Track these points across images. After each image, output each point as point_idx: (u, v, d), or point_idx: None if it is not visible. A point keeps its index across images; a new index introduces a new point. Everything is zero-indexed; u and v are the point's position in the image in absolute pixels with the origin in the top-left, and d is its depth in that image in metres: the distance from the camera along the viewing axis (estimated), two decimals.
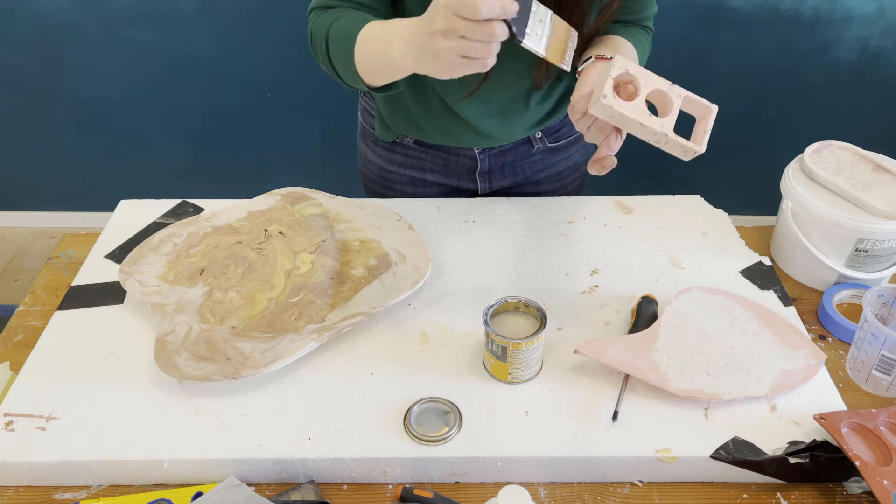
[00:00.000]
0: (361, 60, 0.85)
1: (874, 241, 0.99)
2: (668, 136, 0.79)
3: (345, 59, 0.87)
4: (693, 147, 0.80)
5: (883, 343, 0.86)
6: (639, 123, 0.79)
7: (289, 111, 2.28)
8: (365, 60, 0.84)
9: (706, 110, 0.82)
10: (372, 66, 0.84)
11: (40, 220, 2.57)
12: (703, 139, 0.81)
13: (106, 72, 2.21)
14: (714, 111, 0.82)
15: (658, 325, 0.90)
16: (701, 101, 0.82)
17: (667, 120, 0.80)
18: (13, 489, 0.80)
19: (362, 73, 0.86)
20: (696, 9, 2.04)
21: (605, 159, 0.85)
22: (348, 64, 0.87)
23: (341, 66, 0.89)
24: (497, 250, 1.07)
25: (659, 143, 0.80)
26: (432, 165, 1.20)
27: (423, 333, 0.93)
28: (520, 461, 0.78)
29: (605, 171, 0.86)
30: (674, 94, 0.81)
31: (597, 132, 0.85)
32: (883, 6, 2.03)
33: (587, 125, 0.84)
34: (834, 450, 0.78)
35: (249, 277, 0.96)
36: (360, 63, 0.85)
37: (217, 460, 0.78)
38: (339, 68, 0.90)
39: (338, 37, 0.88)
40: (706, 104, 0.82)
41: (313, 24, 0.94)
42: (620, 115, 0.78)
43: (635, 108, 0.79)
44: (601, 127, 0.84)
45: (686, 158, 0.82)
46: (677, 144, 0.80)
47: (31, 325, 0.99)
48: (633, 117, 0.78)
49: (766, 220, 1.85)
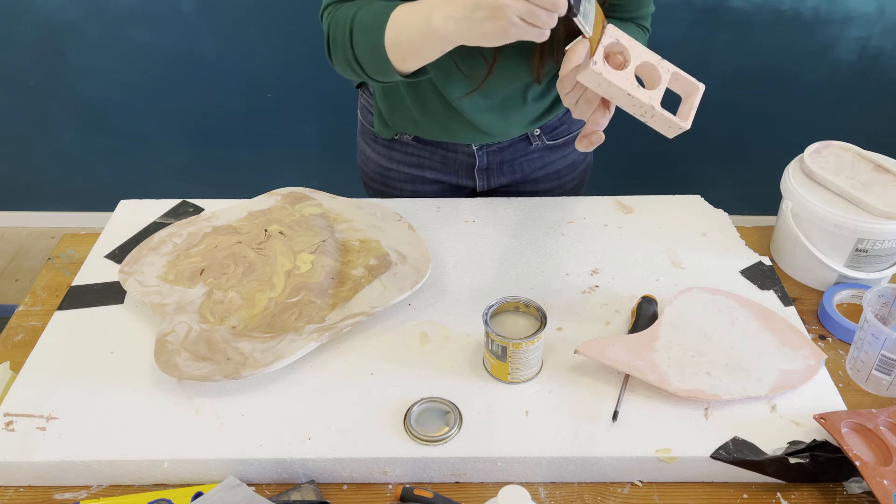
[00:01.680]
0: (393, 41, 0.83)
1: (874, 241, 0.99)
2: (655, 109, 0.78)
3: (373, 47, 0.85)
4: (679, 122, 0.79)
5: (883, 343, 0.86)
6: (626, 94, 0.78)
7: (289, 111, 2.28)
8: (398, 39, 0.82)
9: (693, 88, 0.82)
10: (406, 43, 0.82)
11: (40, 220, 2.57)
12: (689, 116, 0.80)
13: (106, 72, 2.21)
14: (701, 89, 0.81)
15: (658, 325, 0.90)
16: (689, 78, 0.81)
17: (654, 93, 0.79)
18: (13, 489, 0.80)
19: (393, 56, 0.84)
20: (696, 9, 2.04)
21: (593, 134, 0.84)
22: (377, 50, 0.85)
23: (367, 55, 0.87)
24: (497, 250, 1.07)
25: (645, 116, 0.80)
26: (431, 163, 1.21)
27: (423, 333, 0.93)
28: (520, 461, 0.78)
29: (592, 147, 0.85)
30: (663, 69, 0.80)
31: (585, 105, 0.84)
32: (883, 6, 2.03)
33: (575, 99, 0.84)
34: (834, 450, 0.78)
35: (249, 277, 0.96)
36: (392, 44, 0.83)
37: (217, 460, 0.78)
38: (364, 58, 0.88)
39: (365, 23, 0.86)
40: (694, 82, 0.81)
41: (331, 20, 0.92)
42: (609, 83, 0.77)
43: (624, 77, 0.78)
44: (588, 99, 0.83)
45: (670, 135, 0.81)
46: (663, 119, 0.79)
47: (31, 325, 0.99)
48: (621, 86, 0.77)
49: (766, 220, 1.85)
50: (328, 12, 0.94)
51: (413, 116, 1.13)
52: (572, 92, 0.83)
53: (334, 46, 0.92)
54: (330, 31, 0.93)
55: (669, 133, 0.81)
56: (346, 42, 0.89)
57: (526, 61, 1.01)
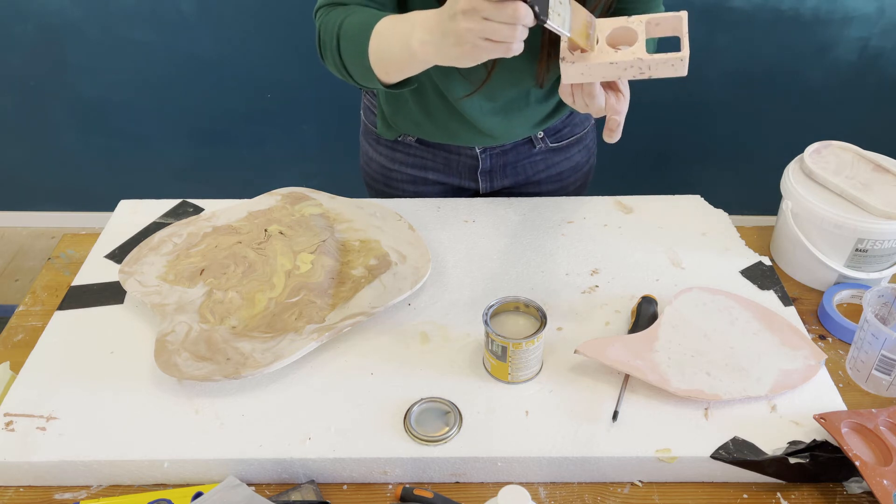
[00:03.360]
0: (377, 55, 0.83)
1: (874, 241, 0.99)
2: (644, 59, 0.77)
3: (358, 56, 0.85)
4: (676, 56, 0.77)
5: (883, 343, 0.86)
6: (608, 63, 0.77)
7: (289, 111, 2.28)
8: (381, 55, 0.83)
9: (677, 21, 0.80)
10: (388, 60, 0.82)
11: (40, 220, 2.57)
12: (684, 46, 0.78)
13: (106, 72, 2.21)
14: (684, 16, 0.79)
15: (658, 325, 0.90)
16: (666, 15, 0.80)
17: (635, 47, 0.78)
18: (13, 489, 0.80)
19: (377, 69, 0.84)
20: (696, 9, 2.04)
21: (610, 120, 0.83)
22: (362, 61, 0.85)
23: (354, 64, 0.88)
24: (497, 250, 1.07)
25: (643, 73, 0.78)
26: (433, 164, 1.21)
27: (423, 333, 0.93)
28: (520, 461, 0.78)
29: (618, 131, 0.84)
30: (634, 25, 0.79)
31: (589, 99, 0.82)
32: (883, 6, 2.03)
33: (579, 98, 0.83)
34: (834, 450, 0.78)
35: (249, 277, 0.96)
36: (376, 58, 0.83)
37: (217, 460, 0.78)
38: (351, 66, 0.88)
39: (350, 33, 0.86)
40: (673, 15, 0.80)
41: (321, 23, 0.92)
42: (588, 66, 0.77)
43: (598, 52, 0.77)
44: (590, 92, 0.82)
45: (680, 73, 0.79)
46: (661, 63, 0.78)
47: (31, 325, 0.99)
48: (600, 61, 0.77)
49: (766, 220, 1.85)
50: (321, 14, 0.94)
51: (416, 118, 1.13)
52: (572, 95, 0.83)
53: (324, 50, 0.93)
54: (321, 34, 0.93)
55: (677, 72, 0.79)
56: (334, 49, 0.89)
57: (529, 65, 1.01)
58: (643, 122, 2.15)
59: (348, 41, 0.87)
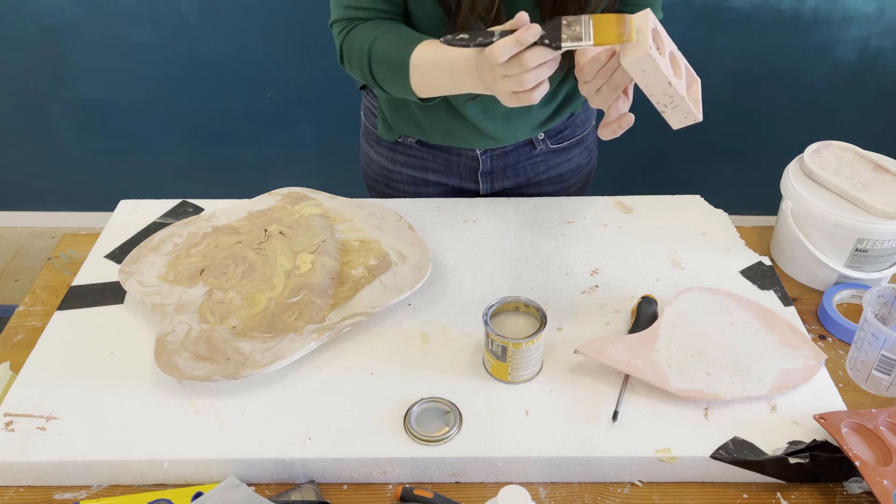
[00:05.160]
0: (421, 83, 0.90)
1: (874, 241, 0.99)
2: (685, 99, 0.76)
3: (397, 79, 0.91)
4: (695, 114, 0.78)
5: (883, 343, 0.86)
6: (668, 83, 0.75)
7: (289, 111, 2.28)
8: (426, 84, 0.90)
9: (693, 80, 0.81)
10: (436, 89, 0.90)
11: (40, 220, 2.57)
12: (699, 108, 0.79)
13: (106, 72, 2.21)
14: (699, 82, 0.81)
15: (658, 325, 0.90)
16: (691, 70, 0.81)
17: (682, 83, 0.77)
18: (13, 489, 0.80)
19: (419, 92, 0.91)
20: (696, 9, 2.04)
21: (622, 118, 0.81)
22: (401, 82, 0.91)
23: (390, 85, 0.94)
24: (497, 250, 1.07)
25: (668, 104, 0.77)
26: (434, 165, 1.20)
27: (423, 333, 0.93)
28: (520, 461, 0.78)
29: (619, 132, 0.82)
30: (680, 58, 0.79)
31: (608, 93, 0.80)
32: (883, 6, 2.03)
33: (597, 87, 0.80)
34: (834, 450, 0.78)
35: (249, 277, 0.96)
36: (420, 85, 0.90)
37: (217, 460, 0.78)
38: (387, 85, 0.95)
39: (384, 59, 0.92)
40: (694, 74, 0.81)
41: (345, 42, 0.97)
42: (656, 70, 0.74)
43: (667, 64, 0.75)
44: (614, 86, 0.80)
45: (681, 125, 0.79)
46: (684, 109, 0.77)
47: (31, 325, 0.99)
48: (666, 74, 0.74)
49: (766, 220, 1.85)
50: (341, 28, 0.98)
51: (417, 120, 1.13)
52: (594, 80, 0.80)
53: (350, 65, 0.98)
54: (344, 51, 0.98)
55: (681, 123, 0.79)
56: (366, 70, 0.95)
57: None
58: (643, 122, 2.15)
59: (382, 66, 0.93)
